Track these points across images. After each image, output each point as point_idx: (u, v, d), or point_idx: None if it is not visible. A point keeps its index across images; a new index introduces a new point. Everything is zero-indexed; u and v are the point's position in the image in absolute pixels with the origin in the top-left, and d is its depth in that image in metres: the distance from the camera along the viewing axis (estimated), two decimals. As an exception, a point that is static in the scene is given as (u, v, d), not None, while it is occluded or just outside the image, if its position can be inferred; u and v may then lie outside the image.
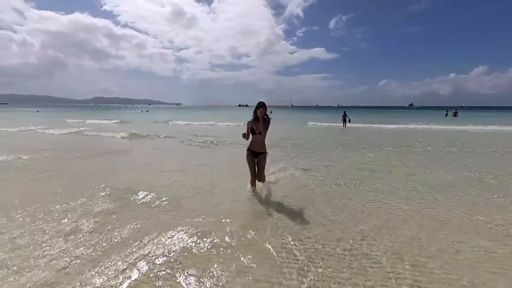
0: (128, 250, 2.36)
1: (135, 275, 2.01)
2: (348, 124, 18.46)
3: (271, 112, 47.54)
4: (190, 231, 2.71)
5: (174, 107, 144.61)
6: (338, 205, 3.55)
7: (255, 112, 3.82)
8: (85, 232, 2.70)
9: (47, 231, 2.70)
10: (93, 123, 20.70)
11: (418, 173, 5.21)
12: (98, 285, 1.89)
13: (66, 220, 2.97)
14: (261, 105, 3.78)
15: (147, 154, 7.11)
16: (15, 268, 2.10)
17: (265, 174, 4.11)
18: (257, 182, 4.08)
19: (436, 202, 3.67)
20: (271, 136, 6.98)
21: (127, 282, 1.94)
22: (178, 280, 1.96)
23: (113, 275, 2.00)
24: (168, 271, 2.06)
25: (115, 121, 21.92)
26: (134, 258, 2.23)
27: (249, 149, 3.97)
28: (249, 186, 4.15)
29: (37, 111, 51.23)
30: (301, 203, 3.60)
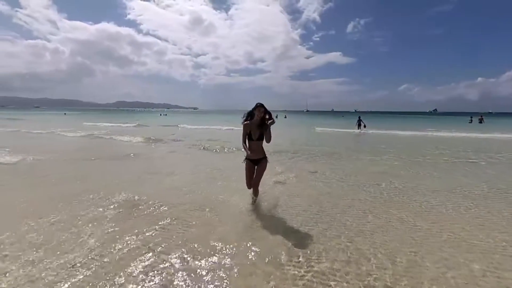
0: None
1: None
2: (363, 130, 18.23)
3: (285, 117, 47.70)
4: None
5: (191, 111, 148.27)
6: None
7: (250, 113, 3.28)
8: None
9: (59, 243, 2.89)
10: (111, 125, 21.74)
11: (421, 187, 4.77)
12: None
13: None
14: (260, 105, 3.25)
15: (154, 159, 7.30)
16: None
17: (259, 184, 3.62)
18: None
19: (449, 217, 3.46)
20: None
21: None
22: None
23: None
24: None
25: (133, 124, 22.90)
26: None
27: (247, 159, 3.47)
28: (247, 197, 3.77)
29: (64, 114, 55.45)
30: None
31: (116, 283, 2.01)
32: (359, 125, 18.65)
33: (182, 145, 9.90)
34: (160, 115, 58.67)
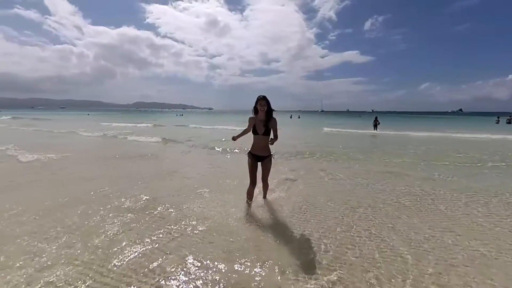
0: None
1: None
2: (375, 129, 18.16)
3: (299, 117, 47.42)
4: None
5: (206, 112, 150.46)
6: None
7: (255, 108, 3.14)
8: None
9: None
10: (130, 125, 22.59)
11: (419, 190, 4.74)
12: None
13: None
14: (261, 98, 3.07)
15: (164, 159, 7.50)
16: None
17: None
18: (255, 194, 3.49)
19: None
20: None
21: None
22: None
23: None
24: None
25: (150, 124, 23.75)
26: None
27: (250, 153, 3.31)
28: (243, 201, 3.49)
29: (88, 114, 58.53)
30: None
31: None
32: (376, 126, 18.38)
33: (195, 145, 10.03)
34: (176, 115, 61.00)
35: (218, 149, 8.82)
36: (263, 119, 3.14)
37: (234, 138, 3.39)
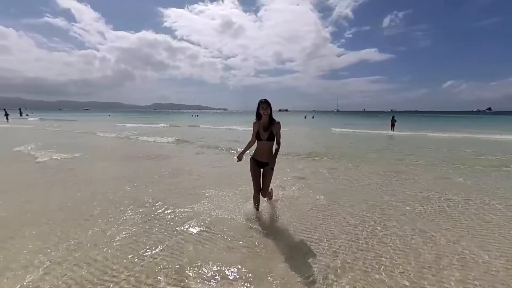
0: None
1: None
2: (392, 129, 17.74)
3: (312, 117, 46.89)
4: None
5: (221, 112, 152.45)
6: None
7: (257, 113, 3.07)
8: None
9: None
10: (147, 126, 23.34)
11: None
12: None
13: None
14: (262, 102, 2.99)
15: (174, 159, 7.67)
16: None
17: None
18: (261, 198, 3.41)
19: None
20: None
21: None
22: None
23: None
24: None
25: (165, 125, 24.41)
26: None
27: (253, 158, 3.24)
28: (250, 206, 3.46)
29: (109, 115, 61.52)
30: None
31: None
32: (393, 125, 17.99)
33: (204, 146, 10.11)
34: (192, 116, 63.24)
35: (226, 150, 8.88)
36: (266, 124, 3.05)
37: (239, 158, 3.24)
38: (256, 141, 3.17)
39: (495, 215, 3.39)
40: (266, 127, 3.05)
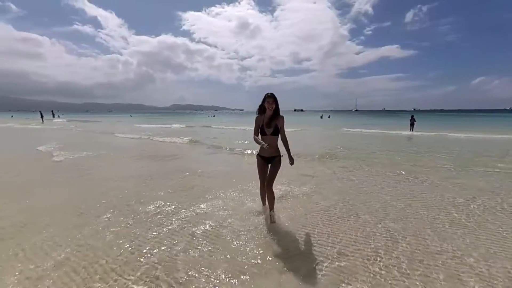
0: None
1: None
2: (411, 129, 17.07)
3: (329, 117, 46.09)
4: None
5: (237, 113, 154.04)
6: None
7: (261, 107, 3.00)
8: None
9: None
10: (163, 127, 24.11)
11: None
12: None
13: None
14: (269, 96, 2.91)
15: (185, 159, 7.85)
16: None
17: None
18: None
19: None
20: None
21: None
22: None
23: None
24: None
25: (181, 125, 25.08)
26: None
27: (259, 155, 3.18)
28: (256, 204, 3.47)
29: (130, 116, 64.44)
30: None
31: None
32: (412, 125, 17.34)
33: (215, 146, 10.27)
34: (208, 116, 64.78)
35: (238, 150, 8.92)
36: (269, 117, 2.97)
37: (257, 140, 3.02)
38: (260, 136, 3.06)
39: None
40: (270, 122, 2.97)
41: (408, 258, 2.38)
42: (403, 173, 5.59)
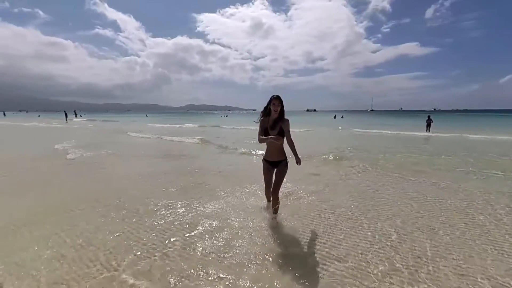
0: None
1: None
2: (428, 130, 16.57)
3: (342, 117, 45.11)
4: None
5: (250, 113, 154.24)
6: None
7: (266, 108, 2.91)
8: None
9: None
10: (169, 126, 24.64)
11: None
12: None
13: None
14: (275, 98, 2.82)
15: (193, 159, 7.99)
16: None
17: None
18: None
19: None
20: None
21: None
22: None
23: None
24: None
25: (193, 125, 25.53)
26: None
27: (265, 160, 3.09)
28: (263, 203, 3.48)
29: (146, 116, 66.44)
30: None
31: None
32: (428, 126, 16.78)
33: (226, 146, 10.26)
34: (221, 116, 65.23)
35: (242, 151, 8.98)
36: (274, 120, 2.89)
37: (274, 139, 2.86)
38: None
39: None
40: (274, 124, 2.89)
41: (413, 259, 2.34)
42: (407, 175, 5.41)
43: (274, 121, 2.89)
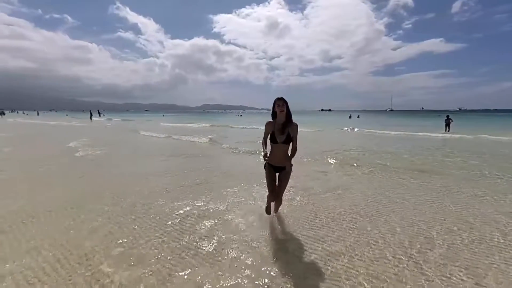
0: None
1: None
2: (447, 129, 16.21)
3: (358, 117, 43.56)
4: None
5: (264, 112, 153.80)
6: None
7: (273, 112, 2.79)
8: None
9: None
10: (182, 126, 25.11)
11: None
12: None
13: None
14: (279, 99, 2.74)
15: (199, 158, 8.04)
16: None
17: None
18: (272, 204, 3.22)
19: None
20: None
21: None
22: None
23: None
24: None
25: (206, 125, 25.85)
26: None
27: (268, 164, 2.94)
28: (264, 203, 3.26)
29: (163, 115, 68.19)
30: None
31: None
32: (448, 125, 16.31)
33: (233, 146, 10.25)
34: (235, 116, 64.67)
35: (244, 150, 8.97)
36: (282, 124, 2.76)
37: (265, 156, 2.86)
38: (271, 144, 2.83)
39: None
40: (283, 128, 2.76)
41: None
42: (412, 177, 5.17)
43: (282, 125, 2.77)
